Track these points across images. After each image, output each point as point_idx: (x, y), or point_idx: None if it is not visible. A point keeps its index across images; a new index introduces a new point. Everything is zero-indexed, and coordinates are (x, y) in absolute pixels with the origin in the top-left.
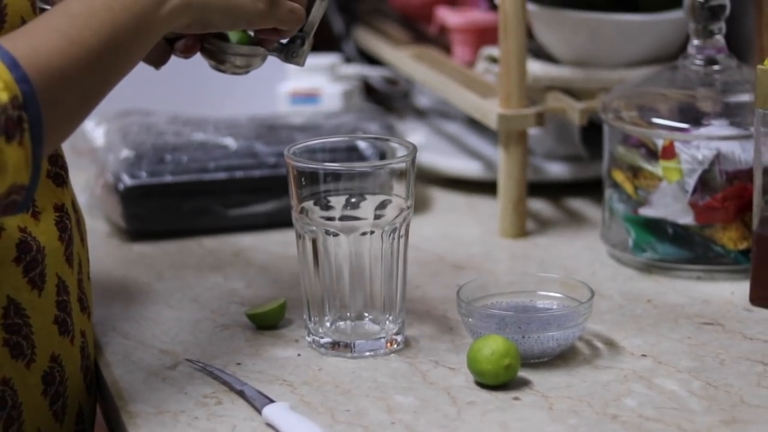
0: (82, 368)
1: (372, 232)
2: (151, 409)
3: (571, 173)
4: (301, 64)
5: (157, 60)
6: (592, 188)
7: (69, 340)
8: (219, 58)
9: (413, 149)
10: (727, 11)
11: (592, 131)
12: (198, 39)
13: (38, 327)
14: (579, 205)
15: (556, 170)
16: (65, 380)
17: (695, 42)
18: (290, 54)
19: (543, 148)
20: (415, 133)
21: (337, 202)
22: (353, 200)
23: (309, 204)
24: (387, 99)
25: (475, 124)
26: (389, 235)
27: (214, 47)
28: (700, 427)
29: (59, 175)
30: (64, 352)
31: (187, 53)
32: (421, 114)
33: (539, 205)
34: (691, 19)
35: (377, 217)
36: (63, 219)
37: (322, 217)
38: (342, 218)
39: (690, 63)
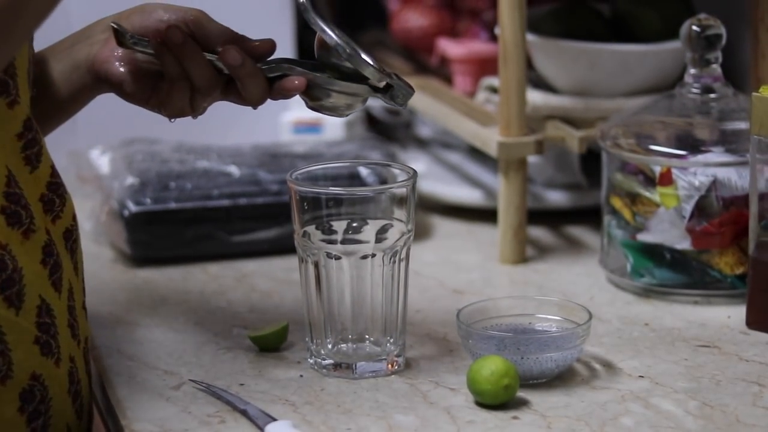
0: (71, 392)
1: (373, 255)
2: (155, 428)
3: (570, 201)
4: (404, 105)
5: (258, 100)
6: (590, 216)
7: (53, 362)
8: (317, 95)
9: (414, 174)
10: (724, 41)
11: (591, 160)
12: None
13: (15, 344)
14: (578, 232)
15: (556, 198)
16: (48, 400)
17: (692, 71)
18: (394, 96)
19: (543, 177)
20: (417, 162)
21: (339, 226)
22: (355, 225)
23: (311, 228)
24: (389, 129)
25: (476, 154)
26: (390, 259)
27: (316, 82)
28: None
29: (53, 201)
30: (47, 372)
31: (291, 92)
32: (422, 144)
33: (539, 233)
34: (688, 48)
35: (379, 240)
36: (50, 244)
37: (324, 241)
38: (344, 242)
39: (687, 91)
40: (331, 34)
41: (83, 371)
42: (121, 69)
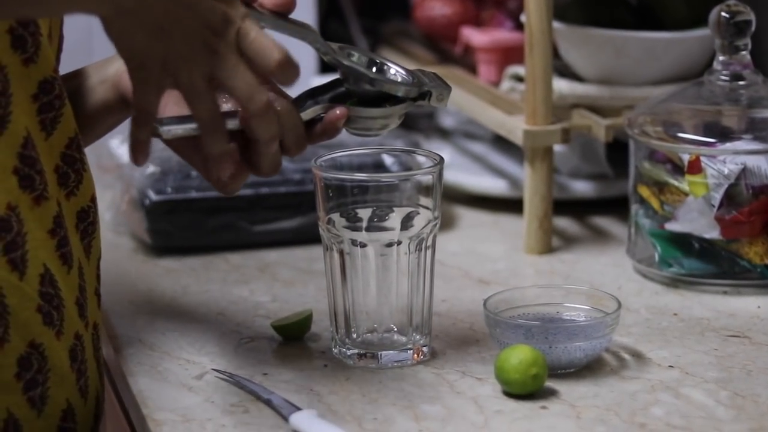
0: (74, 369)
1: (399, 243)
2: (177, 417)
3: (596, 191)
4: (444, 106)
5: (296, 148)
6: (616, 206)
7: (54, 333)
8: (347, 122)
9: (440, 160)
10: (753, 27)
11: (616, 150)
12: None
13: (16, 309)
14: (604, 222)
15: (582, 188)
16: (46, 371)
17: (721, 58)
18: (433, 100)
19: (568, 167)
20: (441, 152)
21: (364, 214)
22: (380, 212)
23: (336, 216)
24: (411, 119)
25: (500, 144)
26: (416, 247)
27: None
28: None
29: (67, 174)
30: (48, 343)
31: (335, 126)
32: (445, 134)
33: (564, 223)
34: (717, 35)
35: (404, 228)
36: (60, 216)
37: (349, 228)
38: (369, 229)
39: (716, 79)
40: (357, 68)
41: (91, 354)
42: None
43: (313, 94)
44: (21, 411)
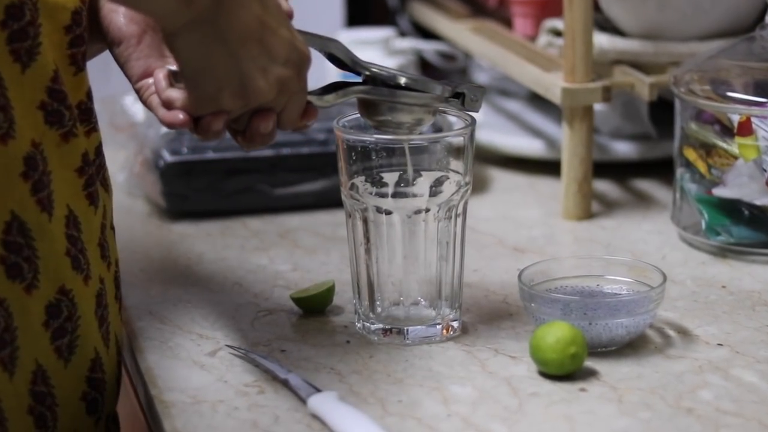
0: (97, 315)
1: (427, 210)
2: (187, 398)
3: (638, 152)
4: (477, 110)
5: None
6: (660, 169)
7: (83, 279)
8: (380, 113)
9: (472, 122)
10: None
11: (660, 109)
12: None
13: (45, 253)
14: (647, 186)
15: (623, 149)
16: (75, 318)
17: None
18: (467, 101)
19: (608, 127)
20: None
21: (390, 178)
22: (407, 177)
23: (359, 180)
24: (443, 75)
25: (537, 102)
26: (446, 214)
27: (381, 98)
28: None
29: (90, 110)
30: (77, 289)
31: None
32: None
33: (605, 186)
34: None
35: (433, 194)
36: (87, 154)
37: (374, 194)
38: (395, 195)
39: None
40: (387, 71)
41: (112, 296)
42: (127, 27)
43: (337, 87)
44: (48, 361)
